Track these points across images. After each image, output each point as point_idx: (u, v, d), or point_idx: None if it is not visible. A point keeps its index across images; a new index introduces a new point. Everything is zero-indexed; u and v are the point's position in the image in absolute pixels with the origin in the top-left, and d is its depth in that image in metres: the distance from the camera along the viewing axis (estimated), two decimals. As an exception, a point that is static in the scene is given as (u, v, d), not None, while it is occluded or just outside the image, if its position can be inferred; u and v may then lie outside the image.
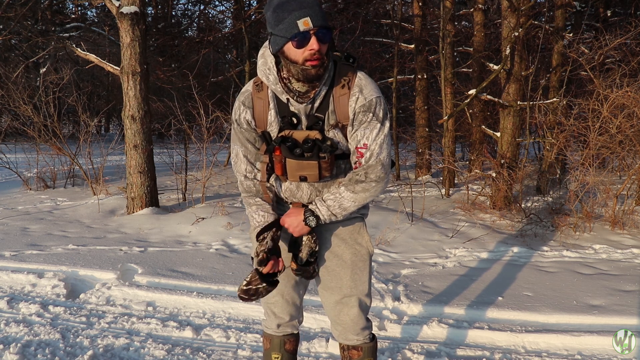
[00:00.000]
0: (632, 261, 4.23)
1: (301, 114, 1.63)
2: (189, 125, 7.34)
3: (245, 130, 1.71)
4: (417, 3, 9.44)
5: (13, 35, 10.08)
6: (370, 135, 1.62)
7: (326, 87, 1.61)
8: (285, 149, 1.59)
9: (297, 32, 1.47)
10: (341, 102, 1.61)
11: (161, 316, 3.27)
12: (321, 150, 1.59)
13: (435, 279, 3.81)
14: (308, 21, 1.46)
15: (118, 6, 5.88)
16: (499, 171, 5.83)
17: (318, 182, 1.71)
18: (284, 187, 1.77)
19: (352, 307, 1.86)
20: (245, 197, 1.81)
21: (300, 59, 1.50)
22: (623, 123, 5.12)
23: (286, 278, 1.87)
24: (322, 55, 1.51)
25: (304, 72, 1.51)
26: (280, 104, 1.64)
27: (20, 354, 2.67)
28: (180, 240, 4.95)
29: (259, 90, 1.66)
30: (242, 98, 1.70)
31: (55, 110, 8.04)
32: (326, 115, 1.63)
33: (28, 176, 8.38)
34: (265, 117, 1.66)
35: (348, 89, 1.61)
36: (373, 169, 1.63)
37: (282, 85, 1.59)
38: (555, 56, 8.16)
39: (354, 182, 1.65)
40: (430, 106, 10.07)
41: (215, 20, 14.72)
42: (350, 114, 1.62)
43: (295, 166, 1.61)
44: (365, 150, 1.62)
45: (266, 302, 1.96)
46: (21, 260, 4.17)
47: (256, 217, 1.75)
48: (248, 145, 1.74)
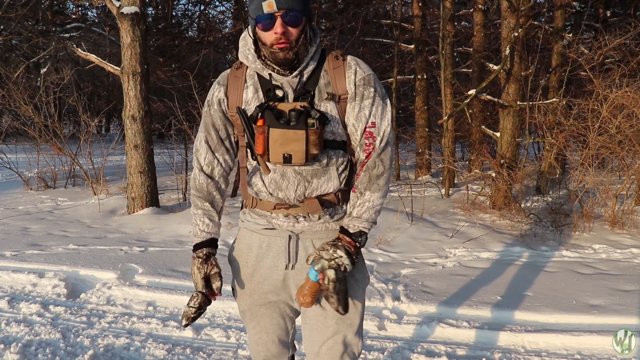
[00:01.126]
0: (632, 261, 4.23)
1: (287, 87, 1.49)
2: (189, 125, 7.35)
3: (214, 112, 1.58)
4: (417, 3, 9.45)
5: (14, 36, 10.09)
6: (377, 113, 1.50)
7: (314, 62, 1.50)
8: (270, 115, 1.42)
9: (261, 14, 1.41)
10: (336, 74, 1.50)
11: (161, 316, 3.28)
12: (310, 116, 1.43)
13: (435, 279, 3.81)
14: (272, 3, 1.38)
15: (118, 6, 5.89)
16: (499, 171, 5.83)
17: (305, 167, 1.47)
18: (267, 181, 1.51)
19: (337, 344, 1.56)
20: (194, 197, 1.63)
21: (268, 41, 1.43)
22: (622, 123, 5.13)
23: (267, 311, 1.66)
24: (290, 39, 1.42)
25: (272, 55, 1.44)
26: (263, 81, 1.52)
27: (21, 354, 2.67)
28: (181, 240, 4.96)
29: (237, 68, 1.58)
30: (218, 78, 1.61)
31: (55, 111, 8.05)
32: (316, 89, 1.49)
33: (29, 176, 8.39)
34: (240, 94, 1.54)
35: (342, 61, 1.51)
36: (386, 153, 1.51)
37: (261, 61, 1.49)
38: (555, 56, 8.17)
39: (375, 178, 1.50)
40: (430, 106, 10.08)
41: (215, 20, 14.74)
42: (349, 87, 1.49)
43: (280, 138, 1.42)
44: (374, 129, 1.49)
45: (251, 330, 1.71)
46: (22, 260, 4.18)
47: (200, 224, 1.61)
48: (212, 132, 1.59)
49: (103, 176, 7.58)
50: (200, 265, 1.56)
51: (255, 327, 1.68)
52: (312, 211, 1.51)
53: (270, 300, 1.64)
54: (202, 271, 1.55)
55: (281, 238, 1.56)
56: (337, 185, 1.51)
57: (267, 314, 1.65)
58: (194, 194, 1.63)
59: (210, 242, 1.62)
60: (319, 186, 1.50)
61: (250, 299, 1.65)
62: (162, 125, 9.18)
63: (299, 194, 1.49)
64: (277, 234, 1.57)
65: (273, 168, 1.49)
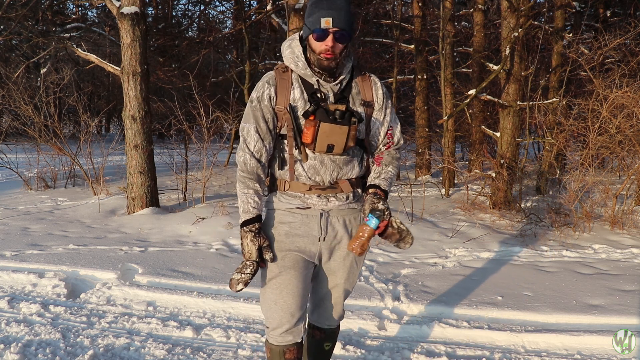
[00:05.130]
0: (632, 261, 4.23)
1: (329, 92, 1.84)
2: (189, 126, 7.35)
3: (264, 107, 1.84)
4: (417, 3, 9.45)
5: (14, 36, 10.08)
6: (393, 119, 2.00)
7: (349, 75, 1.89)
8: (322, 112, 1.76)
9: (318, 27, 1.74)
10: (365, 87, 1.92)
11: (161, 316, 3.28)
12: (353, 115, 1.78)
13: (435, 279, 3.81)
14: (330, 21, 1.72)
15: (118, 7, 5.89)
16: (499, 171, 5.83)
17: (340, 157, 1.85)
18: (306, 166, 1.84)
19: (339, 296, 2.04)
20: (244, 178, 1.86)
21: (317, 50, 1.77)
22: (622, 123, 5.13)
23: (296, 274, 1.90)
24: (335, 52, 1.77)
25: (318, 61, 1.79)
26: (306, 85, 1.84)
27: (21, 354, 2.67)
28: (181, 240, 4.96)
29: (284, 72, 1.87)
30: (266, 79, 1.88)
31: (55, 111, 8.05)
32: (350, 96, 1.88)
33: (29, 176, 8.39)
34: (287, 94, 1.84)
35: (368, 77, 1.94)
36: (399, 146, 2.04)
37: (311, 69, 1.82)
38: (555, 56, 8.17)
39: (396, 159, 2.00)
40: (430, 106, 10.08)
41: (215, 20, 14.74)
42: (378, 98, 1.93)
43: (328, 131, 1.75)
44: (391, 131, 1.99)
45: (276, 297, 1.90)
46: (22, 260, 4.18)
47: (251, 202, 1.84)
48: (261, 123, 1.85)
49: (103, 176, 7.58)
50: (254, 238, 1.81)
51: (283, 291, 1.89)
52: (345, 190, 1.89)
53: (299, 262, 1.90)
54: (257, 243, 1.81)
55: (314, 216, 1.89)
56: (357, 172, 1.93)
57: (295, 275, 1.89)
58: (245, 176, 1.86)
59: (259, 218, 1.86)
60: (347, 172, 1.89)
61: (281, 262, 1.88)
62: (162, 125, 9.19)
63: (332, 178, 1.87)
64: (310, 212, 1.89)
65: (312, 156, 1.84)
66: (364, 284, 3.71)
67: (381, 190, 1.90)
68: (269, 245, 1.84)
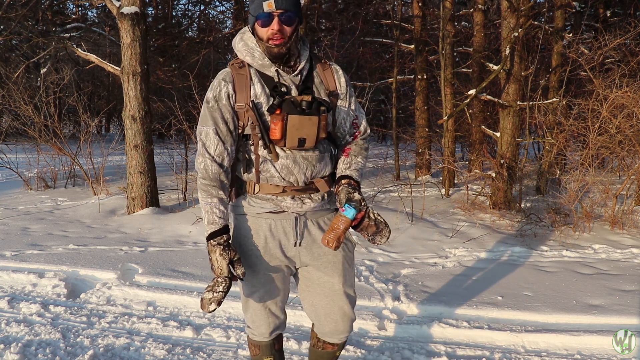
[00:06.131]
0: (632, 261, 4.23)
1: (291, 84, 1.72)
2: (190, 125, 7.35)
3: (223, 107, 1.71)
4: (417, 3, 9.45)
5: (14, 36, 10.07)
6: (357, 108, 1.90)
7: (308, 64, 1.77)
8: (289, 104, 1.64)
9: (261, 12, 1.63)
10: (327, 76, 1.80)
11: (161, 316, 3.28)
12: (321, 104, 1.68)
13: (435, 279, 3.81)
14: (272, 3, 1.62)
15: (118, 7, 5.89)
16: (499, 171, 5.83)
17: (312, 154, 1.74)
18: (278, 166, 1.71)
19: (344, 304, 1.91)
20: (206, 186, 1.72)
21: (265, 36, 1.66)
22: (622, 123, 5.12)
23: (278, 283, 1.88)
24: (284, 36, 1.65)
25: (267, 49, 1.68)
26: (266, 79, 1.72)
27: (21, 354, 2.67)
28: (181, 240, 4.96)
29: (240, 67, 1.74)
30: (222, 76, 1.74)
31: (55, 111, 8.05)
32: (314, 86, 1.77)
33: (29, 176, 8.39)
34: (247, 90, 1.71)
35: (329, 66, 1.82)
36: (366, 136, 1.94)
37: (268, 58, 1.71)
38: (555, 56, 8.16)
39: (364, 150, 1.89)
40: (430, 106, 10.08)
41: (215, 20, 14.73)
42: (341, 87, 1.83)
43: (297, 123, 1.64)
44: (358, 121, 1.89)
45: (261, 307, 1.90)
46: (22, 260, 4.18)
47: (216, 211, 1.70)
48: (221, 125, 1.71)
49: (103, 176, 7.58)
50: (223, 252, 1.67)
51: (267, 301, 1.87)
52: (322, 189, 1.79)
53: (277, 269, 1.85)
54: (227, 257, 1.67)
55: (288, 220, 1.79)
56: (330, 169, 1.84)
57: (277, 286, 1.87)
58: (207, 183, 1.72)
59: (227, 228, 1.73)
60: (320, 170, 1.79)
61: (263, 277, 1.83)
62: (162, 125, 9.19)
63: (307, 177, 1.75)
64: (283, 217, 1.79)
65: (284, 155, 1.71)
66: (364, 284, 3.71)
67: (354, 181, 1.79)
68: (239, 259, 1.70)
